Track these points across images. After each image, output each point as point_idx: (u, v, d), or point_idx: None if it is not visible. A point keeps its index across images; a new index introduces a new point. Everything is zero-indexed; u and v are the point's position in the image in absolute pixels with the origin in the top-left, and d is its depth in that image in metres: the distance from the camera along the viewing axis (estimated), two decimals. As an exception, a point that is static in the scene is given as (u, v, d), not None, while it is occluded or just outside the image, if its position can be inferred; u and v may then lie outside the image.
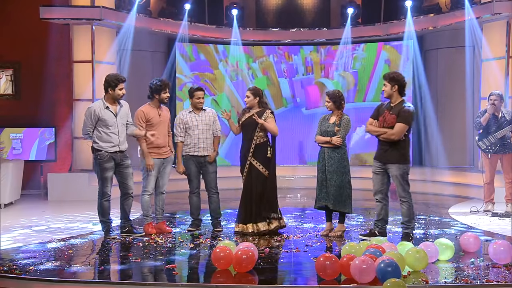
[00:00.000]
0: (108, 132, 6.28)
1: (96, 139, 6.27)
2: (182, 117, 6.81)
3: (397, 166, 6.03)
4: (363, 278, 4.42)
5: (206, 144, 6.75)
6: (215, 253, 4.93)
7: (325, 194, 6.36)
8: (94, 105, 6.36)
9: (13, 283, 4.68)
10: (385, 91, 6.12)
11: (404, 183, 6.05)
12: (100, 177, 6.31)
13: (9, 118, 10.65)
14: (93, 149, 6.32)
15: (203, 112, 6.83)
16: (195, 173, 6.77)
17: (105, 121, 6.26)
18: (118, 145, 6.34)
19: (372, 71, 11.97)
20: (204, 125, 6.76)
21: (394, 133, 5.97)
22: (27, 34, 10.65)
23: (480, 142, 8.08)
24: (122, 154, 6.40)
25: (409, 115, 5.97)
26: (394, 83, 6.04)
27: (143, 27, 10.78)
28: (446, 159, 11.01)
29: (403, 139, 5.99)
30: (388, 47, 11.91)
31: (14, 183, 9.20)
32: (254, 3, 12.59)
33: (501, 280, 4.56)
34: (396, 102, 6.08)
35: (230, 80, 12.17)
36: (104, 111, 6.28)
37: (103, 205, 6.36)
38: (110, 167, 6.30)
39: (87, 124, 6.28)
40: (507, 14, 9.40)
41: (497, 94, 8.03)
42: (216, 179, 6.84)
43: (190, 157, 6.74)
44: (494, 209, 8.00)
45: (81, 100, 10.17)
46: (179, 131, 6.77)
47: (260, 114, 6.55)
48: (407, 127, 5.97)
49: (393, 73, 6.15)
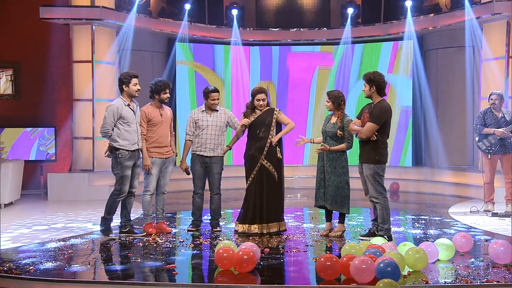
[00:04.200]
0: (129, 129, 6.29)
1: (117, 137, 6.25)
2: (193, 115, 6.80)
3: (367, 165, 6.03)
4: (363, 278, 4.42)
5: (213, 145, 6.73)
6: (218, 253, 4.93)
7: (322, 194, 6.37)
8: (115, 103, 6.32)
9: (13, 283, 4.68)
10: (364, 91, 6.14)
11: (376, 183, 6.03)
12: (121, 175, 6.29)
13: (9, 118, 10.66)
14: (113, 149, 6.29)
15: (215, 113, 6.80)
16: (199, 173, 6.76)
17: (126, 118, 6.27)
18: (137, 143, 6.38)
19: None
20: (214, 126, 6.75)
21: (362, 132, 6.00)
22: (27, 34, 10.66)
23: (480, 143, 8.09)
24: (139, 153, 6.44)
25: (379, 115, 5.95)
26: (372, 84, 6.05)
27: (143, 27, 10.78)
28: (446, 159, 11.00)
29: (374, 139, 5.98)
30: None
31: (14, 183, 9.20)
32: (254, 3, 12.59)
33: (501, 280, 4.56)
34: (376, 102, 6.09)
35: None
36: (126, 108, 6.30)
37: (116, 203, 6.36)
38: (130, 165, 6.33)
39: (109, 122, 6.23)
40: (507, 14, 9.40)
41: (498, 94, 8.04)
42: (219, 180, 6.83)
43: (196, 156, 6.75)
44: (494, 209, 8.00)
45: (81, 100, 10.17)
46: (188, 129, 6.78)
47: (269, 114, 6.53)
48: (376, 126, 5.94)
49: (371, 74, 6.13)
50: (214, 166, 6.75)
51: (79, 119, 10.11)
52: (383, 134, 6.02)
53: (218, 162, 6.78)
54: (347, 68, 12.04)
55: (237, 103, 12.18)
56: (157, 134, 6.59)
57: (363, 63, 11.98)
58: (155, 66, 11.62)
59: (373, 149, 6.00)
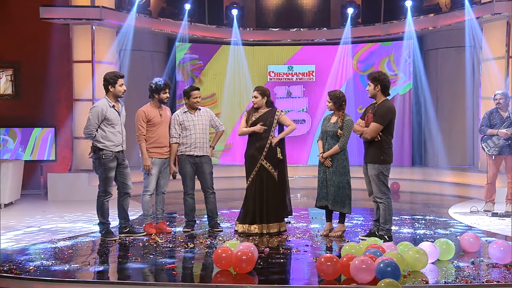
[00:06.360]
0: (113, 131, 6.25)
1: (101, 138, 6.19)
2: (177, 117, 6.73)
3: (372, 165, 6.03)
4: (363, 278, 4.42)
5: (203, 144, 6.72)
6: (216, 253, 4.92)
7: (325, 194, 6.37)
8: (100, 104, 6.25)
9: (13, 283, 4.67)
10: (369, 91, 6.13)
11: (380, 183, 6.03)
12: (104, 177, 6.26)
13: (9, 118, 10.66)
14: (96, 149, 6.23)
15: (199, 112, 6.79)
16: (190, 173, 6.73)
17: (111, 120, 6.21)
18: (122, 144, 6.34)
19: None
20: (201, 125, 6.73)
21: (367, 132, 5.99)
22: (27, 34, 10.66)
23: (484, 144, 8.03)
24: (123, 154, 6.40)
25: (384, 115, 5.95)
26: (377, 83, 6.04)
27: (143, 27, 10.78)
28: (447, 159, 11.01)
29: (378, 139, 5.98)
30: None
31: (14, 183, 9.20)
32: (254, 3, 12.59)
33: (501, 280, 4.56)
34: (380, 101, 6.08)
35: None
36: (110, 109, 6.24)
37: (105, 205, 6.32)
38: (114, 167, 6.27)
39: (92, 123, 6.17)
40: (507, 14, 9.40)
41: (502, 93, 8.03)
42: (212, 179, 6.81)
43: (185, 157, 6.70)
44: (494, 209, 8.00)
45: (81, 100, 10.18)
46: (174, 132, 6.70)
47: (270, 115, 6.53)
48: (380, 126, 5.94)
49: (376, 73, 6.14)
50: (205, 165, 6.73)
51: (79, 119, 10.10)
52: (388, 134, 6.02)
53: (209, 162, 6.78)
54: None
55: (237, 103, 12.18)
56: (156, 134, 6.57)
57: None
58: (155, 66, 11.62)
59: (378, 149, 6.00)
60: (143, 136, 6.52)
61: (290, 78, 12.31)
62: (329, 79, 12.09)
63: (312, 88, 12.30)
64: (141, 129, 6.51)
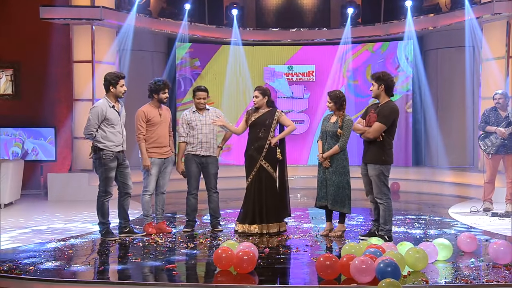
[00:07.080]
0: (113, 131, 6.25)
1: (101, 138, 6.19)
2: (185, 117, 6.76)
3: (373, 166, 6.02)
4: (362, 278, 4.42)
5: (209, 144, 6.72)
6: (216, 253, 4.92)
7: (324, 194, 6.37)
8: (99, 104, 6.26)
9: (13, 283, 4.68)
10: (373, 90, 6.12)
11: (381, 184, 6.01)
12: (105, 177, 6.26)
13: (9, 118, 10.66)
14: (97, 149, 6.23)
15: (207, 112, 6.79)
16: (195, 173, 6.74)
17: (110, 120, 6.22)
18: (122, 144, 6.34)
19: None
20: (208, 125, 6.72)
21: (370, 132, 5.98)
22: (27, 34, 10.66)
23: (481, 142, 8.06)
24: (123, 154, 6.40)
25: (388, 115, 5.94)
26: (381, 83, 6.03)
27: (143, 27, 10.78)
28: (446, 159, 11.01)
29: (380, 139, 5.97)
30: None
31: (14, 183, 9.20)
32: (254, 3, 12.60)
33: (501, 280, 4.56)
34: (383, 102, 6.07)
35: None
36: (110, 110, 6.24)
37: (105, 205, 6.32)
38: (114, 167, 6.27)
39: (92, 123, 6.17)
40: (507, 14, 9.40)
41: (501, 93, 8.04)
42: (216, 179, 6.82)
43: (192, 156, 6.71)
44: (493, 208, 8.00)
45: (81, 100, 10.18)
46: (182, 131, 6.74)
47: (270, 115, 6.53)
48: (384, 126, 5.93)
49: (380, 73, 6.13)
50: (211, 166, 6.74)
51: (79, 119, 10.10)
52: (390, 135, 6.02)
53: (215, 162, 6.78)
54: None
55: (237, 103, 12.18)
56: (156, 134, 6.58)
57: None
58: (155, 66, 11.62)
59: (379, 149, 5.99)
60: (142, 136, 6.52)
61: (290, 78, 12.32)
62: (329, 79, 12.10)
63: (312, 88, 12.30)
64: (141, 129, 6.51)
